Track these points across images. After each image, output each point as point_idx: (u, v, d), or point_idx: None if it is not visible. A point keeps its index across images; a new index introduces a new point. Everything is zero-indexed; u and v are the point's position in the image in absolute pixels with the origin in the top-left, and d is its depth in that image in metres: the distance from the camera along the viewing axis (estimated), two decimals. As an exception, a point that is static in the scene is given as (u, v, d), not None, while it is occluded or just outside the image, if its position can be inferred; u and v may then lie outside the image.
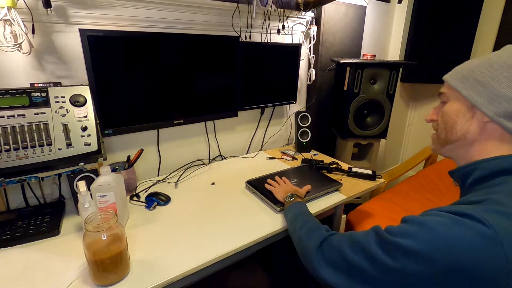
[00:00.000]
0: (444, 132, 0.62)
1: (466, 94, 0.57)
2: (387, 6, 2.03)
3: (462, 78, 0.58)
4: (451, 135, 0.60)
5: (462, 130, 0.58)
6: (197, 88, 1.24)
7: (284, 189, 1.02)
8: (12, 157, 0.79)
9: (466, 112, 0.57)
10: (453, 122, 0.59)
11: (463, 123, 0.58)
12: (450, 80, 0.61)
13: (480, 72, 0.56)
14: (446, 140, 0.62)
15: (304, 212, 0.84)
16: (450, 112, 0.60)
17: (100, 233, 0.65)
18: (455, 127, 0.59)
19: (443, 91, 0.63)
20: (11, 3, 0.79)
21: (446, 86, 0.62)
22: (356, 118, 1.70)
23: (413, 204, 1.58)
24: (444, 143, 0.63)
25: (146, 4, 1.08)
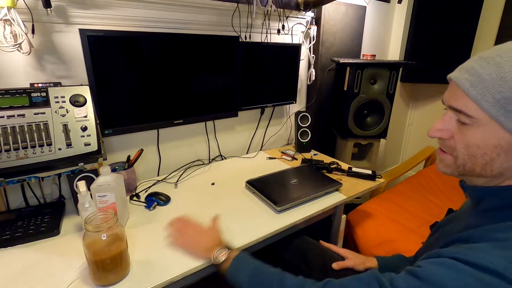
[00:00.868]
0: (470, 164, 0.48)
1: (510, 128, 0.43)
2: (387, 6, 2.03)
3: (504, 102, 0.42)
4: (481, 171, 0.48)
5: (501, 168, 0.46)
6: (197, 88, 1.24)
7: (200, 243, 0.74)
8: (12, 157, 0.79)
9: (509, 149, 0.44)
10: (489, 158, 0.46)
11: (504, 162, 0.45)
12: (483, 102, 0.44)
13: None
14: (472, 173, 0.49)
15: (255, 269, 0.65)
16: (484, 147, 0.45)
17: (100, 233, 0.65)
18: (490, 164, 0.46)
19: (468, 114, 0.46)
20: (11, 3, 0.79)
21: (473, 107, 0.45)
22: (356, 118, 1.69)
23: (413, 204, 1.58)
24: (466, 174, 0.50)
25: (146, 4, 1.08)
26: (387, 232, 1.35)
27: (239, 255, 0.70)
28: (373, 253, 1.28)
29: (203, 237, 0.78)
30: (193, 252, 0.75)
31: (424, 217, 1.46)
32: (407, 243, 1.26)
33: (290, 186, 1.13)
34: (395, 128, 2.48)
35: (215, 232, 0.80)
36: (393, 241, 1.29)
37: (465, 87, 0.46)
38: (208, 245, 0.74)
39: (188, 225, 0.83)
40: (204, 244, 0.75)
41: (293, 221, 0.95)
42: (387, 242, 1.30)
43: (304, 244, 1.00)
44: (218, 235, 0.79)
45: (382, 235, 1.34)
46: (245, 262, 0.68)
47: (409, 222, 1.41)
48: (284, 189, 1.11)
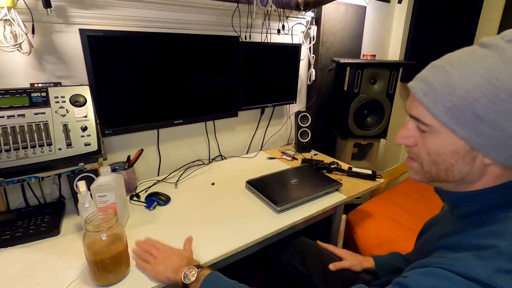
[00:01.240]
0: (435, 170, 0.50)
1: (464, 136, 0.44)
2: (387, 6, 2.03)
3: (456, 111, 0.43)
4: (445, 177, 0.49)
5: (461, 174, 0.47)
6: (197, 88, 1.24)
7: (167, 264, 0.69)
8: (12, 157, 0.79)
9: (465, 154, 0.45)
10: (449, 165, 0.47)
11: (463, 167, 0.46)
12: (435, 110, 0.45)
13: (482, 104, 0.41)
14: (438, 179, 0.51)
15: (234, 285, 0.63)
16: (443, 153, 0.47)
17: (100, 233, 0.65)
18: (451, 170, 0.48)
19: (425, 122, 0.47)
20: (11, 3, 0.79)
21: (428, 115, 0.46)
22: (356, 118, 1.69)
23: (413, 204, 1.58)
24: (433, 180, 0.52)
25: (146, 4, 1.08)
26: (387, 232, 1.35)
27: (210, 274, 0.65)
28: (373, 253, 1.28)
29: (172, 257, 0.71)
30: (162, 272, 0.68)
31: (424, 217, 1.45)
32: (407, 243, 1.25)
33: (290, 186, 1.13)
34: (395, 128, 2.47)
35: (186, 252, 0.75)
36: (393, 241, 1.29)
37: (419, 96, 0.47)
38: (177, 265, 0.68)
39: (156, 247, 0.76)
40: (175, 263, 0.69)
41: (293, 221, 0.95)
42: (387, 242, 1.30)
43: (302, 244, 1.00)
44: (189, 255, 0.74)
45: (382, 235, 1.34)
46: (217, 282, 0.64)
47: (409, 222, 1.41)
48: (284, 189, 1.11)
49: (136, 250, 0.77)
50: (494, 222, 0.45)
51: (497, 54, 0.42)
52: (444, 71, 0.45)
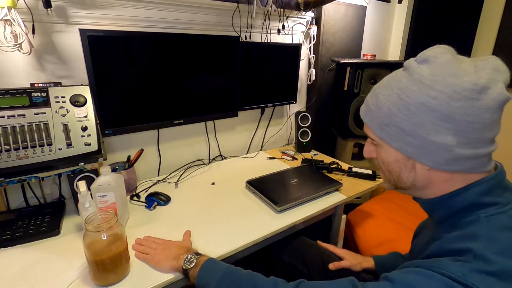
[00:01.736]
0: (392, 178, 0.57)
1: (396, 147, 0.51)
2: (387, 6, 2.03)
3: (384, 126, 0.52)
4: (400, 184, 0.56)
5: (409, 180, 0.54)
6: (197, 88, 1.24)
7: (169, 253, 0.73)
8: (12, 157, 0.79)
9: (405, 162, 0.52)
10: (397, 172, 0.54)
11: (408, 174, 0.53)
12: (373, 129, 0.54)
13: (400, 118, 0.49)
14: (397, 186, 0.57)
15: (225, 271, 0.64)
16: (390, 162, 0.54)
17: (100, 233, 0.65)
18: (401, 176, 0.54)
19: (372, 137, 0.56)
20: (11, 3, 0.79)
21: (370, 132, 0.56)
22: (356, 118, 1.69)
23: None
24: (395, 187, 0.58)
25: (146, 4, 1.08)
26: (387, 232, 1.35)
27: (209, 259, 0.68)
28: (373, 253, 1.28)
29: (171, 248, 0.75)
30: (163, 260, 0.71)
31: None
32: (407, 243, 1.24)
33: (290, 186, 1.13)
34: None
35: (185, 243, 0.79)
36: (393, 241, 1.29)
37: (362, 116, 0.57)
38: (177, 252, 0.72)
39: (155, 241, 0.80)
40: (174, 252, 0.72)
41: (293, 221, 0.95)
42: (387, 242, 1.30)
43: (302, 244, 1.01)
44: (187, 245, 0.77)
45: (382, 235, 1.34)
46: (215, 265, 0.67)
47: (409, 222, 1.41)
48: (284, 189, 1.11)
49: (135, 246, 0.80)
50: (466, 225, 0.48)
51: (409, 75, 0.49)
52: (375, 94, 0.54)
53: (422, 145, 0.48)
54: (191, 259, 0.68)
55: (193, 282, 0.66)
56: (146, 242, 0.79)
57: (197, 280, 0.65)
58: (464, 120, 0.45)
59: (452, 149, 0.46)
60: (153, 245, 0.77)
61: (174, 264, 0.70)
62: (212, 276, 0.64)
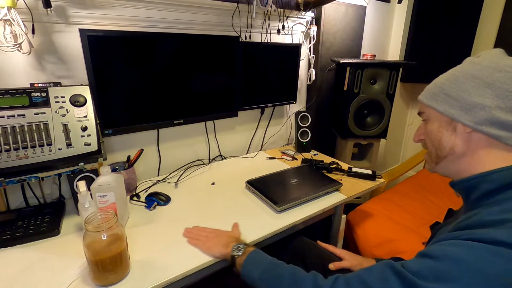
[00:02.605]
0: (434, 149, 0.62)
1: (441, 109, 0.58)
2: (387, 6, 2.03)
3: (434, 95, 0.60)
4: (440, 152, 0.61)
5: (449, 144, 0.58)
6: (197, 88, 1.24)
7: (220, 241, 0.79)
8: (12, 157, 0.79)
9: (447, 126, 0.58)
10: (439, 138, 0.60)
11: (448, 138, 0.58)
12: (424, 100, 0.62)
13: (448, 86, 0.57)
14: (437, 157, 0.62)
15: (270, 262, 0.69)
16: (433, 130, 0.61)
17: (100, 233, 0.65)
18: (441, 143, 0.59)
19: (422, 111, 0.64)
20: (11, 3, 0.79)
21: (422, 106, 0.63)
22: (356, 118, 1.69)
23: (413, 204, 1.58)
24: (437, 160, 0.63)
25: (146, 4, 1.08)
26: (387, 232, 1.35)
27: (255, 250, 0.73)
28: (373, 253, 1.28)
29: (221, 237, 0.82)
30: (213, 247, 0.79)
31: (424, 217, 1.46)
32: (407, 243, 1.26)
33: (290, 186, 1.13)
34: (395, 128, 2.48)
35: (234, 233, 0.86)
36: (393, 241, 1.29)
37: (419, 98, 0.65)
38: (227, 240, 0.79)
39: (206, 229, 0.87)
40: (224, 240, 0.79)
41: (293, 221, 0.95)
42: (387, 242, 1.30)
43: (302, 244, 1.01)
44: (237, 236, 0.85)
45: (382, 235, 1.34)
46: (260, 256, 0.71)
47: (409, 222, 1.41)
48: (284, 189, 1.11)
49: (186, 233, 0.86)
50: (502, 202, 0.49)
51: (463, 62, 0.59)
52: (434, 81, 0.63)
53: (463, 105, 0.54)
54: (239, 248, 0.74)
55: (239, 269, 0.71)
56: (196, 231, 0.87)
57: (242, 267, 0.70)
58: (503, 88, 0.51)
59: (490, 111, 0.52)
60: (204, 233, 0.84)
61: (224, 251, 0.76)
62: (257, 266, 0.69)
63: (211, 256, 0.78)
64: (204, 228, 0.88)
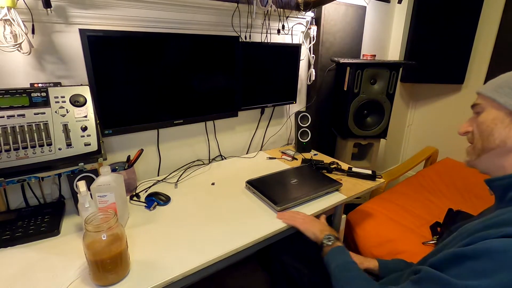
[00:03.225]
0: (481, 141, 0.60)
1: (502, 101, 0.57)
2: (387, 6, 2.03)
3: (497, 88, 0.59)
4: (488, 143, 0.59)
5: (501, 136, 0.57)
6: (197, 88, 1.24)
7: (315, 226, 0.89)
8: (12, 157, 0.79)
9: (504, 118, 0.57)
10: (490, 129, 0.58)
11: (502, 130, 0.57)
12: (484, 91, 0.61)
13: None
14: (483, 149, 0.60)
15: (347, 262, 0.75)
16: (487, 121, 0.59)
17: (100, 233, 0.66)
18: (492, 134, 0.58)
19: (478, 102, 0.62)
20: (11, 3, 0.79)
21: (481, 97, 0.62)
22: (356, 118, 1.69)
23: (413, 204, 1.58)
24: (480, 153, 0.61)
25: (146, 4, 1.08)
26: (387, 232, 1.35)
27: (341, 246, 0.80)
28: (373, 253, 1.28)
29: (316, 222, 0.91)
30: (310, 228, 0.88)
31: (424, 217, 1.46)
32: (407, 243, 1.26)
33: (290, 186, 1.13)
34: (395, 128, 2.48)
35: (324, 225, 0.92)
36: (393, 241, 1.29)
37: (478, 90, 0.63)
38: (321, 227, 0.88)
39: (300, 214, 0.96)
40: (318, 226, 0.88)
41: (293, 221, 0.95)
42: (387, 242, 1.30)
43: (302, 244, 1.00)
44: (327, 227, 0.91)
45: (382, 235, 1.34)
46: (343, 253, 0.78)
47: (409, 222, 1.41)
48: (284, 189, 1.11)
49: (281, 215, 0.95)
50: None
51: None
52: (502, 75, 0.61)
53: None
54: (330, 238, 0.82)
55: (323, 256, 0.80)
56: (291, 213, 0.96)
57: (326, 256, 0.79)
58: None
59: None
60: (299, 216, 0.94)
61: (318, 235, 0.85)
62: (337, 259, 0.76)
63: (305, 234, 0.88)
64: (298, 211, 0.97)
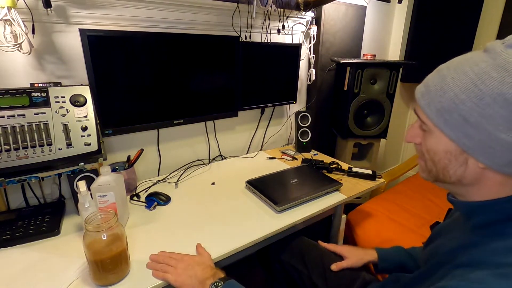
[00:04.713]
0: (435, 169, 0.51)
1: (453, 137, 0.45)
2: (387, 6, 2.03)
3: (443, 112, 0.45)
4: (443, 177, 0.50)
5: (456, 175, 0.48)
6: (197, 88, 1.24)
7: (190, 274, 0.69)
8: (12, 157, 0.79)
9: (458, 155, 0.46)
10: (444, 164, 0.48)
11: (456, 168, 0.47)
12: (428, 111, 0.47)
13: (467, 107, 0.42)
14: (438, 179, 0.52)
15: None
16: (438, 152, 0.48)
17: (100, 233, 0.65)
18: (447, 169, 0.48)
19: (423, 120, 0.49)
20: (11, 3, 0.79)
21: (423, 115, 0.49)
22: (356, 118, 1.69)
23: (413, 204, 1.58)
24: (436, 179, 0.53)
25: (146, 4, 1.08)
26: (387, 232, 1.35)
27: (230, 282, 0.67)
28: (373, 253, 1.28)
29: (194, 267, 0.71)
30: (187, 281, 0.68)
31: (424, 217, 1.46)
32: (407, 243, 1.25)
33: (290, 186, 1.13)
34: (395, 128, 2.48)
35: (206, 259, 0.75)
36: (393, 241, 1.29)
37: (418, 97, 0.50)
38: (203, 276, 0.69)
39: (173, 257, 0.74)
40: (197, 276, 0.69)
41: (293, 221, 0.95)
42: (387, 242, 1.29)
43: (302, 244, 1.00)
44: (209, 262, 0.74)
45: (382, 235, 1.34)
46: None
47: (409, 222, 1.41)
48: (285, 189, 1.11)
49: (151, 265, 0.74)
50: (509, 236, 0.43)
51: (491, 59, 0.42)
52: (441, 75, 0.47)
53: (485, 140, 0.42)
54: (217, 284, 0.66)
55: None
56: (162, 259, 0.74)
57: None
58: None
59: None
60: (172, 262, 0.72)
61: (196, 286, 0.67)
62: None
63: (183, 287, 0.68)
64: (170, 254, 0.75)
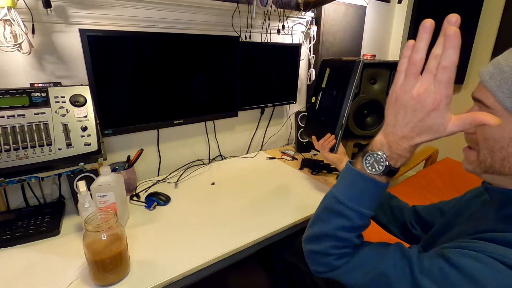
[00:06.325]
0: (490, 160, 0.47)
1: None
2: (387, 6, 2.03)
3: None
4: (500, 167, 0.46)
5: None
6: (197, 88, 1.24)
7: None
8: (12, 157, 0.79)
9: None
10: (506, 154, 0.44)
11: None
12: (499, 93, 0.43)
13: None
14: (493, 170, 0.47)
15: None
16: (501, 140, 0.44)
17: (100, 233, 0.65)
18: (507, 160, 0.44)
19: (487, 104, 0.45)
20: (11, 3, 0.79)
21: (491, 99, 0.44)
22: (356, 118, 1.69)
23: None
24: (487, 171, 0.48)
25: (146, 4, 1.08)
26: (387, 232, 1.35)
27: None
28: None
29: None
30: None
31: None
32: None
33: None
34: (395, 128, 2.47)
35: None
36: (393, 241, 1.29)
37: (485, 79, 0.45)
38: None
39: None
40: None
41: (293, 221, 0.95)
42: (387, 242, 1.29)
43: None
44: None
45: (382, 235, 1.34)
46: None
47: (409, 222, 1.41)
48: None
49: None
50: None
51: None
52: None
53: None
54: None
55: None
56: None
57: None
58: None
59: None
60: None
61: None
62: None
63: None
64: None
